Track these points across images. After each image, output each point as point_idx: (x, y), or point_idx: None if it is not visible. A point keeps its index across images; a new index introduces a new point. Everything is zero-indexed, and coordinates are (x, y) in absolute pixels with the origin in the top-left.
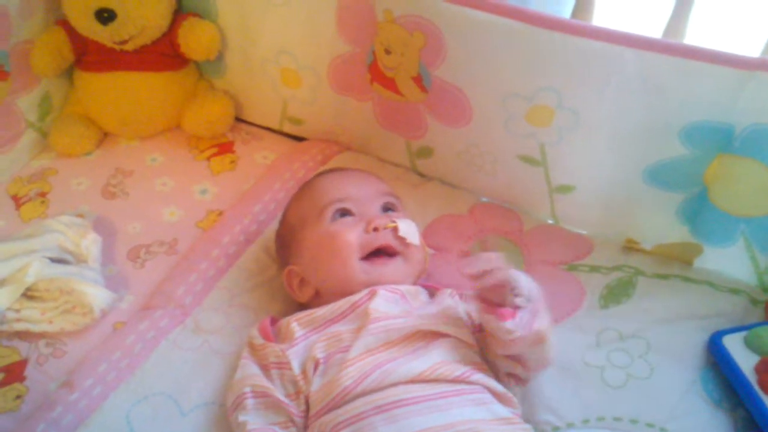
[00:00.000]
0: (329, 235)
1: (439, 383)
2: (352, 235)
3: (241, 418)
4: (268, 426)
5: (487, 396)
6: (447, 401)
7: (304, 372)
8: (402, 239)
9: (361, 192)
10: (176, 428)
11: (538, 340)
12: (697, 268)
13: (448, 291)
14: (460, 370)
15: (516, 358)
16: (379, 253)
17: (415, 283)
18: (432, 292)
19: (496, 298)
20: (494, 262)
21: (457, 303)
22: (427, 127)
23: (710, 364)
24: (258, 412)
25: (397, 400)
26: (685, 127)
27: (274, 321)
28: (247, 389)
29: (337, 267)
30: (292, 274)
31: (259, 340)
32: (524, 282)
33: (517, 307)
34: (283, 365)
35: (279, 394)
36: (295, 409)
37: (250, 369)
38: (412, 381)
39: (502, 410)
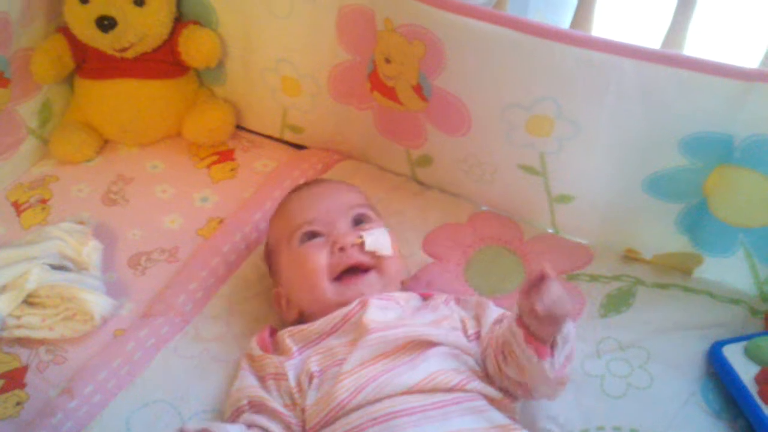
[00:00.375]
0: (298, 259)
1: (435, 393)
2: (319, 258)
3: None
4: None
5: (484, 403)
6: (444, 411)
7: (299, 384)
8: (371, 253)
9: (328, 209)
10: None
11: (561, 384)
12: (696, 278)
13: (443, 297)
14: (456, 378)
15: (522, 384)
16: (353, 270)
17: (399, 288)
18: (425, 298)
19: (536, 327)
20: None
21: (452, 310)
22: (427, 136)
23: (710, 374)
24: (256, 418)
25: (393, 412)
26: (684, 138)
27: (273, 332)
28: (245, 401)
29: (308, 289)
30: (279, 295)
31: (257, 352)
32: (569, 324)
33: (555, 344)
34: (280, 376)
35: (276, 404)
36: (292, 419)
37: (247, 380)
38: (409, 392)
39: (499, 417)
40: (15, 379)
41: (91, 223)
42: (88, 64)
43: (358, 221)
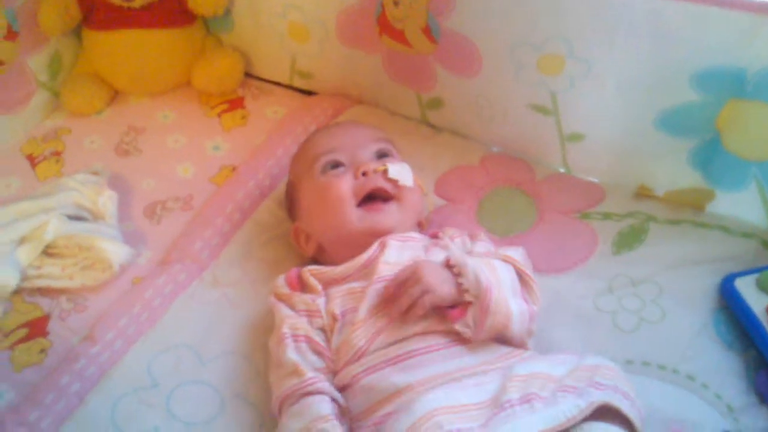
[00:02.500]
0: (321, 187)
1: (448, 333)
2: (343, 184)
3: (290, 355)
4: (317, 375)
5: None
6: (459, 348)
7: (331, 323)
8: (394, 181)
9: (351, 141)
10: (197, 377)
11: (494, 332)
12: (709, 213)
13: (449, 232)
14: None
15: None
16: (374, 198)
17: (416, 227)
18: (434, 237)
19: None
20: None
21: (461, 245)
22: (437, 79)
23: (722, 306)
24: (302, 355)
25: (410, 350)
26: (696, 73)
27: (300, 274)
28: (286, 330)
29: (332, 218)
30: (298, 231)
31: (285, 290)
32: (471, 275)
33: (468, 304)
34: (314, 313)
35: (316, 336)
36: (329, 355)
37: (285, 311)
38: (422, 333)
39: (504, 348)
40: (38, 327)
41: (106, 174)
42: (95, 15)
43: (382, 155)
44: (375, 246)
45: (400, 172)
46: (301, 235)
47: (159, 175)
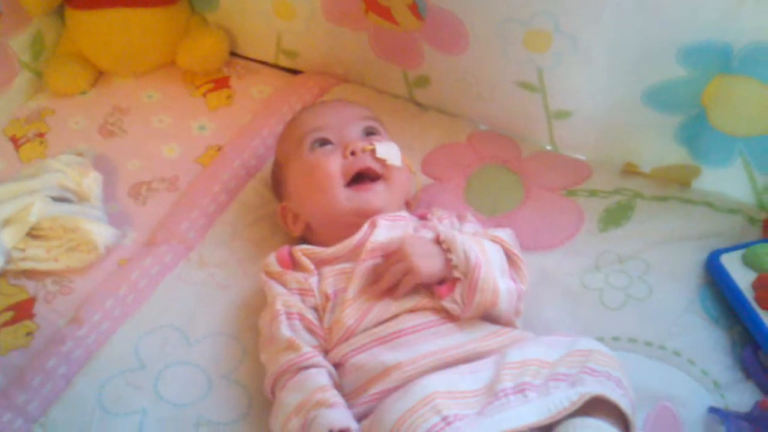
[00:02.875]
0: (309, 165)
1: (437, 311)
2: (331, 163)
3: (284, 331)
4: (311, 351)
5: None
6: (447, 327)
7: (323, 301)
8: (382, 161)
9: (339, 119)
10: (184, 358)
11: (482, 310)
12: (695, 189)
13: (438, 213)
14: None
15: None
16: (362, 178)
17: (404, 207)
18: (422, 218)
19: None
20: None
21: (453, 224)
22: (424, 56)
23: (708, 282)
24: (296, 332)
25: (398, 330)
26: (682, 47)
27: (291, 252)
28: (279, 306)
29: (320, 197)
30: (285, 210)
31: (276, 267)
32: (460, 251)
33: (456, 281)
34: (306, 292)
35: (309, 314)
36: (321, 333)
37: (277, 288)
38: (411, 311)
39: (492, 327)
40: (23, 310)
41: (90, 155)
42: None
43: (369, 133)
44: (365, 227)
45: (388, 151)
46: (289, 215)
47: (144, 155)
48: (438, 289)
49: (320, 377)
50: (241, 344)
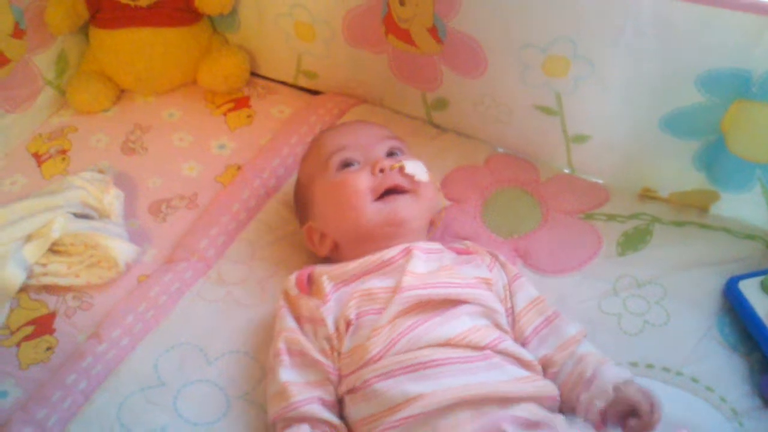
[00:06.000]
0: (337, 185)
1: (466, 348)
2: (360, 180)
3: (282, 375)
4: (307, 387)
5: (511, 361)
6: (475, 365)
7: (337, 330)
8: (410, 177)
9: (363, 139)
10: (203, 375)
11: None
12: (713, 215)
13: (486, 258)
14: (489, 338)
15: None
16: (390, 194)
17: (429, 224)
18: (459, 254)
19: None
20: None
21: (498, 276)
22: (443, 79)
23: (726, 308)
24: (296, 369)
25: (426, 361)
26: (701, 74)
27: (311, 274)
28: (282, 345)
29: (349, 213)
30: (311, 230)
31: (294, 291)
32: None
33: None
34: (317, 321)
35: (314, 353)
36: (331, 368)
37: (286, 321)
38: (440, 345)
39: (521, 372)
40: (44, 325)
41: (111, 172)
42: (102, 13)
43: (392, 153)
44: (399, 249)
45: (415, 167)
46: (315, 235)
47: (165, 173)
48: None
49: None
50: (259, 363)
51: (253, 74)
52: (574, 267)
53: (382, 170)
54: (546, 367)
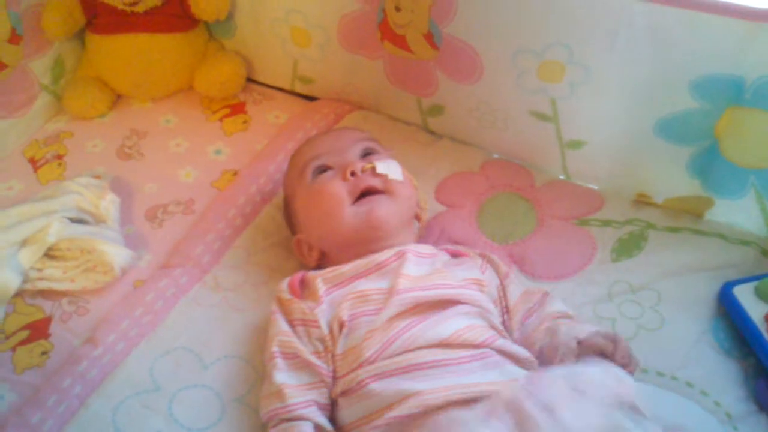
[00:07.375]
0: (313, 193)
1: (461, 348)
2: (334, 186)
3: (277, 377)
4: (302, 390)
5: (506, 361)
6: (471, 366)
7: (331, 331)
8: (383, 177)
9: (335, 144)
10: (198, 380)
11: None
12: (707, 221)
13: (477, 260)
14: (483, 336)
15: None
16: (365, 196)
17: (413, 220)
18: (453, 255)
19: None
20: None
21: (490, 277)
22: (438, 85)
23: (721, 314)
24: (291, 372)
25: (421, 362)
26: (695, 80)
27: (303, 278)
28: (275, 349)
29: (329, 220)
30: (300, 242)
31: (286, 295)
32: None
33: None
34: (310, 323)
35: (308, 355)
36: (324, 369)
37: (279, 325)
38: (435, 346)
39: (518, 371)
40: (39, 329)
41: (108, 178)
42: (98, 19)
43: (366, 153)
44: (392, 252)
45: (388, 167)
46: (303, 246)
47: (161, 179)
48: None
49: (303, 429)
50: (254, 368)
51: (250, 80)
52: (569, 273)
53: (353, 173)
54: (528, 348)
